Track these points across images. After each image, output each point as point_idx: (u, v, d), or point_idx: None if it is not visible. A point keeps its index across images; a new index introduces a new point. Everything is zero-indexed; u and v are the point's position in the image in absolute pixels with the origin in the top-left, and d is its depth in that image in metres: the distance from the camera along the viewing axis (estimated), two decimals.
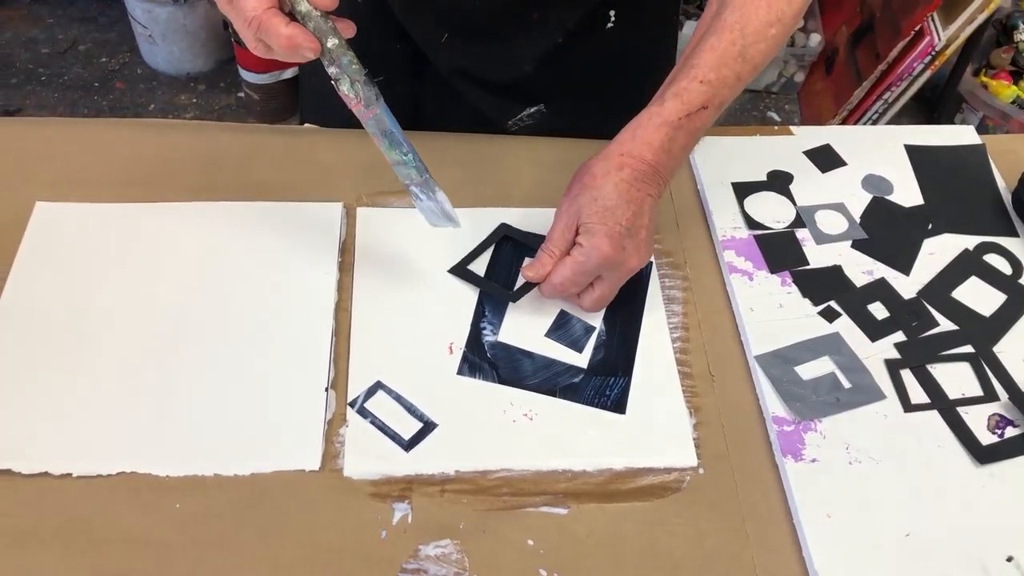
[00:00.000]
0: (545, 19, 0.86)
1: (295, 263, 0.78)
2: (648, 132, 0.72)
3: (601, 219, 0.70)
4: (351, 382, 0.71)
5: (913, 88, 2.07)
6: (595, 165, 0.72)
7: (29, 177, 0.83)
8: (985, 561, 0.64)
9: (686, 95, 0.72)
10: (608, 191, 0.71)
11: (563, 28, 0.87)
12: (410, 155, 0.68)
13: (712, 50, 0.72)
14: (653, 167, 0.72)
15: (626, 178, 0.71)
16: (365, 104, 0.65)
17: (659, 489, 0.67)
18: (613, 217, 0.70)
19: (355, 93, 0.64)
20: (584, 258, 0.71)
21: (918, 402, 0.72)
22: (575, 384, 0.72)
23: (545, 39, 0.88)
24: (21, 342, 0.71)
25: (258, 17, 0.59)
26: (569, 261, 0.72)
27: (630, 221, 0.71)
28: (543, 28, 0.87)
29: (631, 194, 0.71)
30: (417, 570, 0.62)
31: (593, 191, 0.71)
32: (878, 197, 0.87)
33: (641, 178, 0.71)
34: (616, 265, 0.71)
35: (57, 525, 0.62)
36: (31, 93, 2.31)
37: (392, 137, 0.67)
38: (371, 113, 0.65)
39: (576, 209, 0.71)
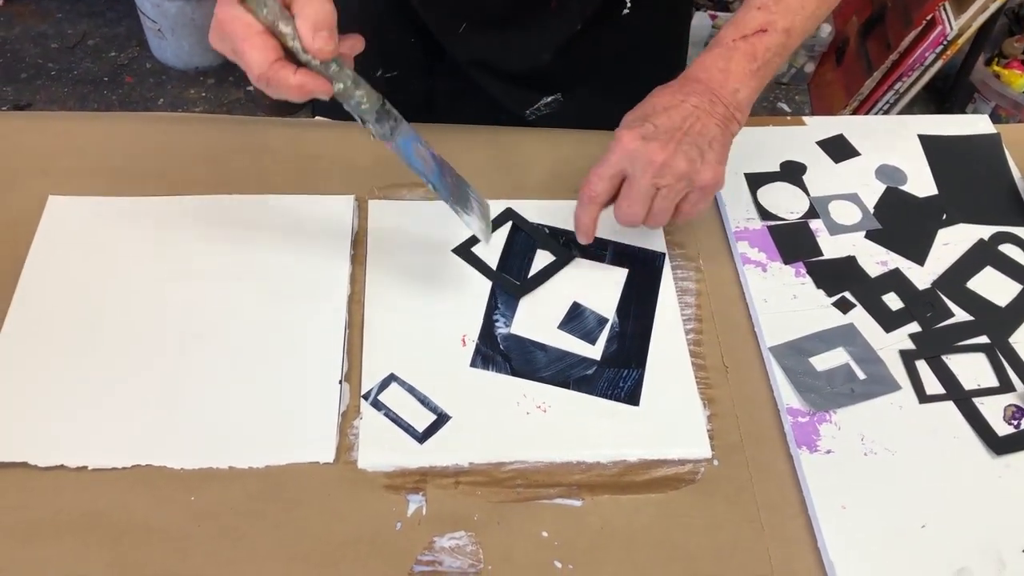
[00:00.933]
0: (563, 6, 0.86)
1: (308, 256, 0.78)
2: (701, 57, 0.75)
3: (628, 123, 0.72)
4: (365, 375, 0.71)
5: (924, 78, 2.06)
6: (652, 93, 0.75)
7: (42, 171, 0.83)
8: (1001, 552, 0.64)
9: (739, 20, 0.74)
10: (646, 100, 0.73)
11: (581, 15, 0.87)
12: (435, 179, 0.69)
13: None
14: (704, 83, 0.72)
15: (669, 90, 0.72)
16: (383, 139, 0.66)
17: (673, 481, 0.67)
18: (641, 116, 0.71)
19: (373, 131, 0.66)
20: (604, 157, 0.72)
21: (933, 393, 0.72)
22: (588, 376, 0.72)
23: (563, 27, 0.88)
24: (35, 336, 0.71)
25: (264, 75, 0.59)
26: (625, 191, 0.72)
27: (662, 122, 0.71)
28: (561, 16, 0.87)
29: (672, 100, 0.72)
30: (432, 562, 0.62)
31: (647, 107, 0.73)
32: (892, 187, 0.87)
33: (686, 90, 0.72)
34: (642, 160, 0.70)
35: (73, 517, 0.63)
36: (41, 88, 2.31)
37: (414, 168, 0.68)
38: (390, 146, 0.67)
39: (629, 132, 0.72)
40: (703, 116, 0.72)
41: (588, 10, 0.87)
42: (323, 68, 0.61)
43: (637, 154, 0.70)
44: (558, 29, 0.88)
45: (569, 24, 0.88)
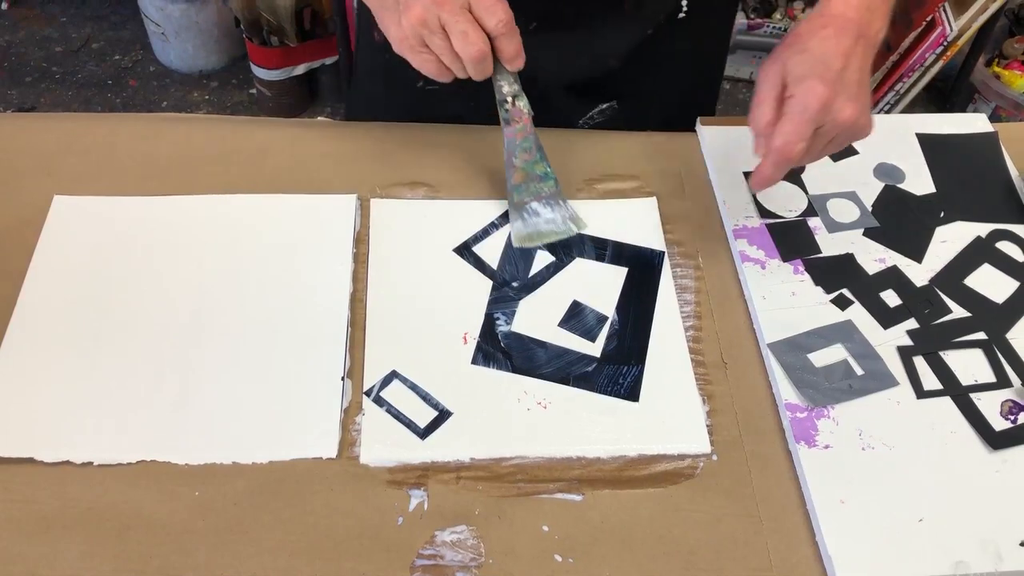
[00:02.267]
0: (637, 9, 0.86)
1: (310, 254, 0.78)
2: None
3: (811, 67, 0.69)
4: (367, 371, 0.71)
5: (925, 79, 2.06)
6: (798, 27, 0.73)
7: (47, 172, 0.84)
8: (999, 546, 0.64)
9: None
10: (814, 44, 0.70)
11: (654, 19, 0.87)
12: (551, 168, 0.77)
13: None
14: (856, 23, 0.71)
15: (831, 34, 0.71)
16: (532, 119, 0.76)
17: (673, 475, 0.68)
18: (823, 63, 0.69)
19: (528, 110, 0.75)
20: (801, 106, 0.68)
21: (931, 388, 0.72)
22: (588, 373, 0.73)
23: (635, 31, 0.88)
24: (42, 333, 0.72)
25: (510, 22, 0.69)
26: (787, 115, 0.69)
27: (841, 68, 0.69)
28: (634, 19, 0.87)
29: (839, 46, 0.70)
30: (433, 555, 0.63)
31: (798, 46, 0.71)
32: (890, 185, 0.88)
33: (845, 34, 0.71)
34: (835, 111, 0.69)
35: (80, 512, 0.63)
36: (45, 91, 2.33)
37: (543, 151, 0.76)
38: (533, 128, 0.76)
39: (780, 66, 0.71)
40: (863, 64, 0.71)
41: (660, 14, 0.87)
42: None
43: (833, 106, 0.68)
44: (629, 33, 0.88)
45: (640, 28, 0.88)
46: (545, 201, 0.79)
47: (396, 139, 0.89)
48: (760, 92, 0.71)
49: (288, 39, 2.12)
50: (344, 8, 1.95)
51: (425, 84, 0.95)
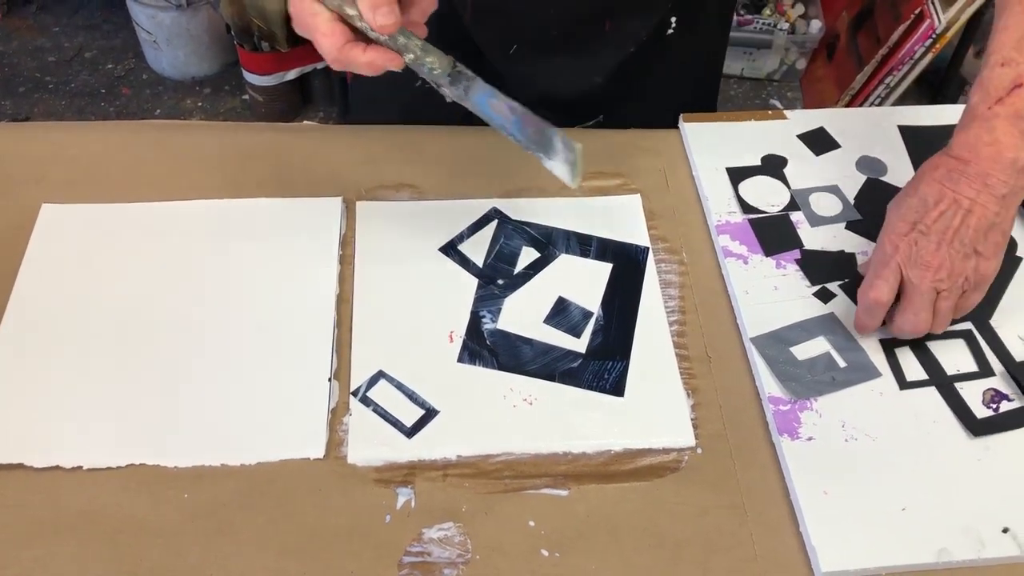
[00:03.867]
0: (617, 29, 0.87)
1: (297, 257, 0.79)
2: (960, 133, 0.71)
3: (901, 215, 0.71)
4: (354, 372, 0.72)
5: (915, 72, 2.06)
6: (917, 172, 0.73)
7: (36, 180, 0.85)
8: (981, 533, 0.65)
9: (988, 83, 0.70)
10: (911, 187, 0.71)
11: (636, 38, 0.88)
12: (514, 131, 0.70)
13: (1004, 30, 0.70)
14: (973, 164, 0.69)
15: (939, 177, 0.70)
16: (458, 99, 0.69)
17: (658, 469, 0.68)
18: (913, 214, 0.70)
19: (449, 93, 0.68)
20: (879, 266, 0.71)
21: (914, 379, 0.73)
22: (574, 369, 0.73)
23: (616, 50, 0.89)
24: (31, 340, 0.73)
25: (337, 59, 0.62)
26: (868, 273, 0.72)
27: (933, 221, 0.69)
28: (616, 38, 0.88)
29: (941, 192, 0.69)
30: (421, 552, 0.63)
31: (908, 188, 0.72)
32: (872, 178, 0.88)
33: (956, 177, 0.69)
34: (919, 264, 0.69)
35: (70, 517, 0.64)
36: (39, 101, 2.33)
37: (492, 122, 0.70)
38: (467, 105, 0.69)
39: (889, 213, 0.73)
40: (976, 207, 0.69)
41: (643, 33, 0.88)
42: (391, 42, 0.63)
43: (913, 258, 0.70)
44: (611, 52, 0.89)
45: (622, 47, 0.89)
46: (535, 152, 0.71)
47: (381, 142, 0.90)
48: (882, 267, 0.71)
49: (279, 45, 2.12)
50: None
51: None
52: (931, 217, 0.70)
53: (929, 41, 1.98)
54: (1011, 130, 0.69)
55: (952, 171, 0.70)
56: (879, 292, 0.71)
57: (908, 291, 0.70)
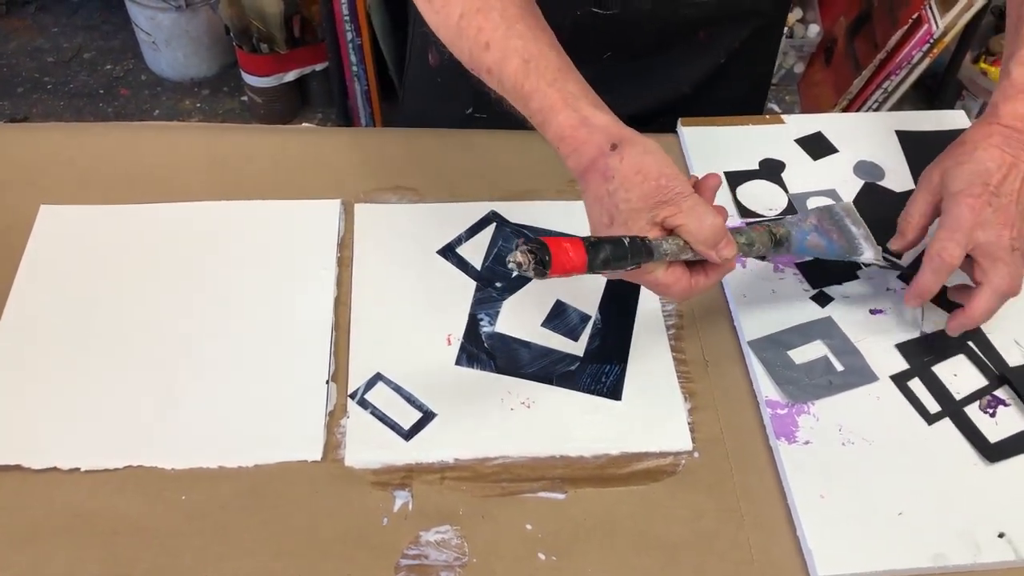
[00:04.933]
0: (712, 39, 0.87)
1: (295, 259, 0.79)
2: (1008, 104, 0.72)
3: (968, 183, 0.70)
4: (351, 374, 0.72)
5: (912, 76, 2.07)
6: (964, 136, 0.73)
7: (35, 182, 0.85)
8: (977, 538, 0.65)
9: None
10: (977, 155, 0.71)
11: (728, 46, 0.88)
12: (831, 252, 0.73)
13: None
14: (1021, 133, 0.71)
15: (996, 143, 0.71)
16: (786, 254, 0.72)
17: (655, 473, 0.68)
18: (976, 175, 0.70)
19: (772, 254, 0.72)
20: (951, 229, 0.70)
21: (935, 411, 0.72)
22: (571, 372, 0.74)
23: (708, 60, 0.89)
24: (28, 341, 0.73)
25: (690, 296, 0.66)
26: (940, 228, 0.71)
27: (999, 183, 0.70)
28: (709, 48, 0.88)
29: (1003, 157, 0.70)
30: (418, 555, 0.63)
31: (959, 156, 0.72)
32: (870, 183, 0.88)
33: (1014, 144, 0.71)
34: (994, 228, 0.69)
35: (67, 518, 0.64)
36: (37, 102, 2.33)
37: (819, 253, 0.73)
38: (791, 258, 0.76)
39: (939, 175, 0.72)
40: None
41: (736, 42, 0.88)
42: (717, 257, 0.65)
43: (989, 219, 0.69)
44: (703, 61, 0.89)
45: (714, 56, 0.89)
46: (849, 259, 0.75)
47: (380, 145, 0.90)
48: (916, 198, 0.74)
49: (278, 46, 2.12)
50: (332, 15, 1.96)
51: (474, 112, 0.95)
52: (996, 179, 0.70)
53: (927, 46, 1.98)
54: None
55: (1009, 138, 0.71)
56: (951, 254, 0.70)
57: (991, 252, 0.70)
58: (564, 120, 0.64)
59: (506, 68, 0.65)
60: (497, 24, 0.65)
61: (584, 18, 0.83)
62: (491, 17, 0.66)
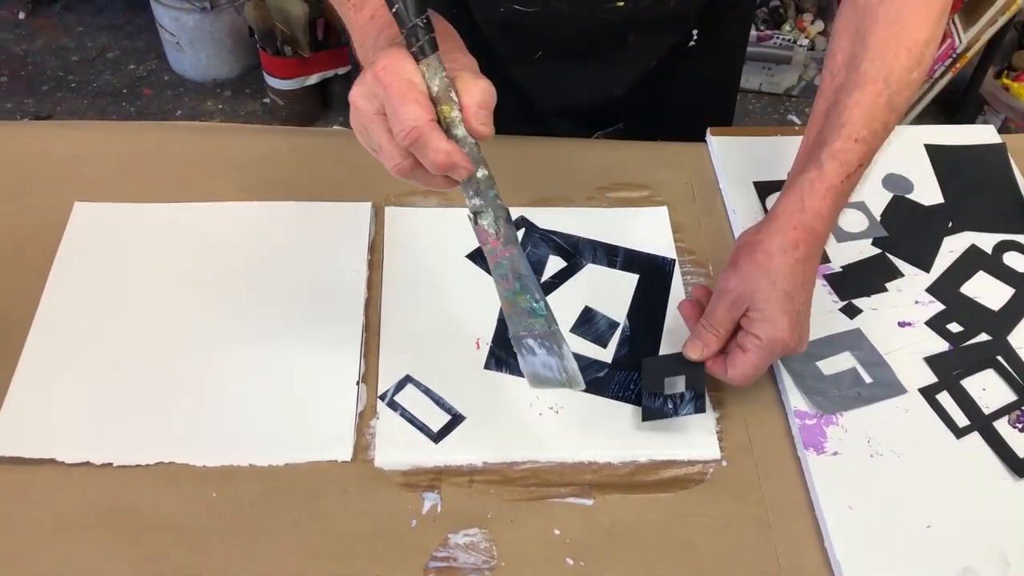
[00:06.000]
0: (641, 43, 0.88)
1: (326, 261, 0.80)
2: (816, 200, 0.68)
3: (782, 308, 0.67)
4: (381, 376, 0.73)
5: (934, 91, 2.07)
6: (769, 242, 0.68)
7: (67, 179, 0.85)
8: (1006, 552, 0.65)
9: (843, 156, 0.68)
10: (785, 274, 0.67)
11: (658, 52, 0.89)
12: (541, 303, 0.63)
13: (859, 105, 0.68)
14: (820, 239, 0.69)
15: (801, 257, 0.68)
16: (504, 242, 0.60)
17: (683, 481, 0.69)
18: (791, 304, 0.67)
19: (496, 229, 0.60)
20: (767, 354, 0.68)
21: (964, 425, 0.72)
22: (600, 378, 0.74)
23: (639, 63, 0.90)
24: (63, 337, 0.73)
25: (418, 128, 0.54)
26: (751, 359, 0.68)
27: (803, 306, 0.69)
28: (638, 52, 0.89)
29: (807, 275, 0.68)
30: (447, 557, 0.63)
31: (771, 273, 0.67)
32: (898, 196, 0.88)
33: (813, 255, 0.69)
34: (787, 351, 0.69)
35: (99, 513, 0.65)
36: (61, 100, 2.35)
37: (524, 280, 0.62)
38: (507, 252, 0.61)
39: (750, 292, 0.68)
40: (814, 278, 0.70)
41: (665, 46, 0.89)
42: (472, 150, 0.57)
43: (796, 343, 0.68)
44: (633, 66, 0.90)
45: (644, 61, 0.90)
46: (539, 340, 0.64)
47: None
48: (714, 313, 0.69)
49: (301, 49, 2.14)
50: None
51: None
52: (801, 299, 0.68)
53: (949, 60, 1.99)
54: (841, 207, 0.70)
55: (810, 249, 0.68)
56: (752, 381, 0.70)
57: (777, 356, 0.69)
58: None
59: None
60: None
61: (510, 15, 0.85)
62: None
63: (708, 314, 0.70)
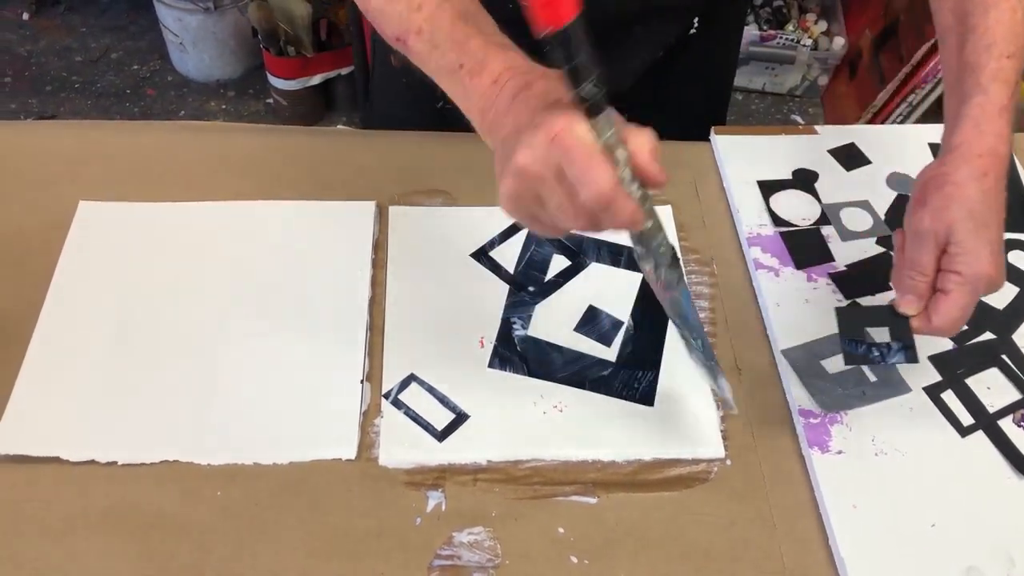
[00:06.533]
0: (647, 34, 0.88)
1: (331, 260, 0.80)
2: (993, 123, 0.66)
3: (981, 238, 0.64)
4: (385, 374, 0.73)
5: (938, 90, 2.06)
6: (956, 172, 0.66)
7: (71, 178, 0.86)
8: (1011, 551, 0.65)
9: (1003, 75, 0.67)
10: (979, 201, 0.65)
11: (665, 42, 0.89)
12: (699, 342, 0.65)
13: (999, 23, 0.68)
14: (1005, 160, 0.67)
15: (991, 185, 0.65)
16: (666, 287, 0.61)
17: (687, 479, 0.69)
18: (989, 233, 0.64)
19: (658, 275, 0.60)
20: (971, 291, 0.64)
21: (968, 424, 0.72)
22: (604, 377, 0.74)
23: (645, 54, 0.90)
24: (67, 335, 0.74)
25: (610, 194, 0.51)
26: (956, 300, 0.64)
27: (1000, 233, 0.65)
28: (645, 43, 0.89)
29: (999, 202, 0.66)
30: (451, 556, 0.63)
31: (962, 202, 0.65)
32: (903, 195, 0.88)
33: (1001, 180, 0.66)
34: (994, 285, 0.65)
35: (103, 511, 0.65)
36: (65, 100, 2.35)
37: (685, 321, 0.64)
38: (669, 295, 0.62)
39: (945, 226, 0.65)
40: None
41: (671, 36, 0.88)
42: (641, 200, 0.54)
43: (998, 277, 0.65)
44: (640, 57, 0.90)
45: (651, 51, 0.89)
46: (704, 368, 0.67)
47: (414, 147, 0.90)
48: (919, 259, 0.66)
49: (304, 49, 2.14)
50: (359, 19, 1.97)
51: (444, 104, 0.97)
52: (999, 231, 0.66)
53: None
54: (1011, 129, 0.68)
55: (999, 174, 0.66)
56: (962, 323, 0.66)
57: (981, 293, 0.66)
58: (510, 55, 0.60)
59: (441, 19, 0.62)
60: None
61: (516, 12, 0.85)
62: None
63: (912, 263, 0.66)
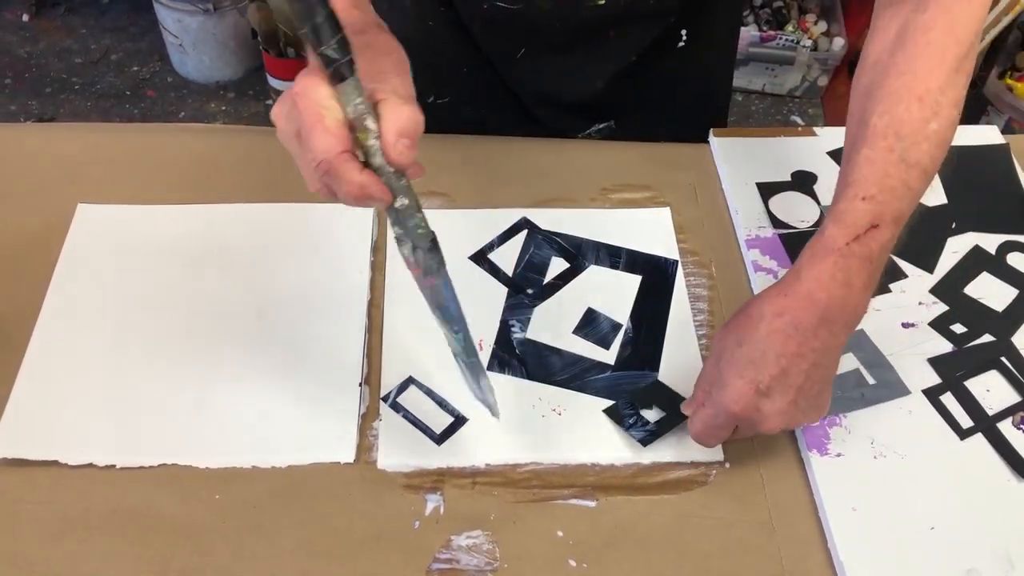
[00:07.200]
0: (622, 38, 0.88)
1: (329, 262, 0.80)
2: (813, 266, 0.62)
3: (738, 372, 0.62)
4: (384, 377, 0.73)
5: None
6: (756, 304, 0.64)
7: (71, 180, 0.86)
8: (1010, 553, 0.64)
9: (848, 217, 0.62)
10: (756, 339, 0.62)
11: (639, 47, 0.89)
12: (460, 335, 0.63)
13: (868, 162, 0.63)
14: (823, 310, 0.61)
15: (782, 327, 0.62)
16: (424, 272, 0.59)
17: (686, 482, 0.68)
18: (755, 373, 0.62)
19: (416, 259, 0.58)
20: (713, 414, 0.64)
21: (968, 427, 0.72)
22: (603, 380, 0.74)
23: (620, 57, 0.90)
24: (66, 339, 0.74)
25: (328, 161, 0.51)
26: (701, 414, 0.65)
27: (774, 379, 0.62)
28: (619, 46, 0.89)
29: (785, 347, 0.62)
30: (450, 559, 0.63)
31: (741, 336, 0.63)
32: None
33: (804, 328, 0.61)
34: (749, 425, 0.64)
35: (102, 514, 0.65)
36: (65, 102, 2.36)
37: (446, 312, 0.62)
38: (429, 283, 0.60)
39: (720, 347, 0.65)
40: (823, 359, 0.63)
41: (646, 42, 0.89)
42: (392, 178, 0.53)
43: (747, 421, 0.63)
44: (614, 58, 0.90)
45: (626, 55, 0.90)
46: (465, 367, 0.66)
47: None
48: (703, 372, 0.67)
49: (304, 51, 2.14)
50: None
51: (436, 99, 0.97)
52: (774, 371, 0.62)
53: None
54: (861, 273, 0.62)
55: (798, 321, 0.62)
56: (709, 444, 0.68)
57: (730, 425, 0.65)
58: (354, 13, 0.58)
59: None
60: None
61: (493, 12, 0.86)
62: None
63: (702, 371, 0.68)
